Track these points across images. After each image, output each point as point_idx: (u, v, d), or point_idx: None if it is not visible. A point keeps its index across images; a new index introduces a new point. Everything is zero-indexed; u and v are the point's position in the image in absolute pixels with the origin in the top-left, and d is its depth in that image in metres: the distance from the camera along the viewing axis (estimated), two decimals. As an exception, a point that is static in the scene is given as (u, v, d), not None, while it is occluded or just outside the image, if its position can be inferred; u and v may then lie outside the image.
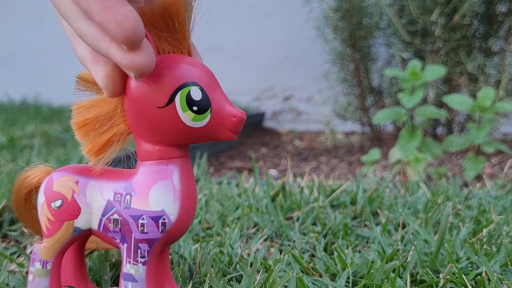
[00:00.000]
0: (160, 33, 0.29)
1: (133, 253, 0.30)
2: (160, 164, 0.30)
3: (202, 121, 0.29)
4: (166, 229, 0.30)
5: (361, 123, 1.41)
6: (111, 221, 0.31)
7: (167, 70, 0.29)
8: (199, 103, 0.29)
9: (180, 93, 0.29)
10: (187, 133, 0.30)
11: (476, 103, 0.90)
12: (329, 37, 1.34)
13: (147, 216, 0.30)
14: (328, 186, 0.71)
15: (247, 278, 0.39)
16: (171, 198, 0.30)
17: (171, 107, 0.29)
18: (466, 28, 1.15)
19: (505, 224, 0.55)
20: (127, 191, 0.31)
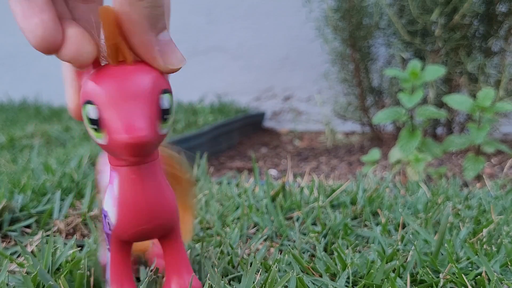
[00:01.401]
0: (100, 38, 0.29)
1: (107, 241, 0.34)
2: (111, 170, 0.32)
3: (102, 139, 0.29)
4: (111, 228, 0.33)
5: (361, 123, 1.41)
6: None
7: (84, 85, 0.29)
8: (96, 122, 0.28)
9: (84, 110, 0.29)
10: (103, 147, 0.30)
11: (476, 103, 0.90)
12: (329, 37, 1.34)
13: (103, 214, 0.33)
14: (328, 186, 0.71)
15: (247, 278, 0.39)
16: (110, 203, 0.32)
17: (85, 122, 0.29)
18: (466, 28, 1.15)
19: (505, 224, 0.55)
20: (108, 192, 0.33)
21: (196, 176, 0.79)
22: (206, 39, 1.79)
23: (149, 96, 0.29)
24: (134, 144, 0.27)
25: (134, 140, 0.27)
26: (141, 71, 0.29)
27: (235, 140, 1.46)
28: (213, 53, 1.79)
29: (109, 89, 0.28)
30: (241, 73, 1.76)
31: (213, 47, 1.79)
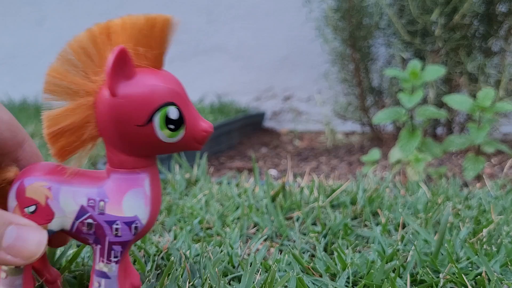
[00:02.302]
0: (140, 49, 0.31)
1: (107, 254, 0.32)
2: (133, 173, 0.32)
3: (176, 137, 0.31)
4: (138, 231, 0.32)
5: (361, 123, 1.41)
6: (85, 225, 0.32)
7: (146, 90, 0.30)
8: (175, 122, 0.31)
9: (160, 114, 0.30)
10: (162, 147, 0.32)
11: (476, 103, 0.90)
12: (329, 37, 1.34)
13: (121, 222, 0.32)
14: (328, 186, 0.71)
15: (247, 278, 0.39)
16: (143, 204, 0.32)
17: (150, 125, 0.30)
18: (466, 28, 1.14)
19: (505, 224, 0.55)
20: (100, 197, 0.32)
21: (196, 176, 0.79)
22: (206, 39, 1.79)
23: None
24: (211, 132, 0.32)
25: (212, 129, 0.32)
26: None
27: (235, 140, 1.46)
28: (213, 53, 1.79)
29: (182, 89, 0.32)
30: (241, 73, 1.76)
31: (213, 47, 1.79)
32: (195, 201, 0.66)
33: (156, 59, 0.32)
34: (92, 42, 0.31)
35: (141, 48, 0.31)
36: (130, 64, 0.30)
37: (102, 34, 0.31)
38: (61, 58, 0.31)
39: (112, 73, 0.29)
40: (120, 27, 0.31)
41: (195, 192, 0.70)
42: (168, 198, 0.68)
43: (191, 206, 0.63)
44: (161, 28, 0.31)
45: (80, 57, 0.31)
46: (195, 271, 0.42)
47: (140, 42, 0.31)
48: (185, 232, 0.52)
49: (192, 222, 0.57)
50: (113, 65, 0.29)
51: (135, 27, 0.31)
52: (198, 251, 0.47)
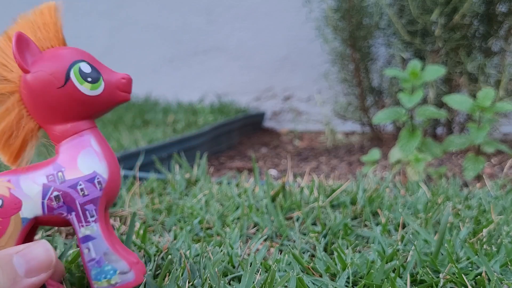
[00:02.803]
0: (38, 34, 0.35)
1: (83, 216, 0.34)
2: (77, 137, 0.35)
3: (99, 89, 0.35)
4: (103, 186, 0.35)
5: (361, 123, 1.41)
6: (53, 200, 0.34)
7: (55, 57, 0.35)
8: (91, 75, 0.34)
9: (73, 70, 0.34)
10: (90, 103, 0.35)
11: (476, 103, 0.90)
12: (329, 37, 1.33)
13: (83, 181, 0.35)
14: (328, 186, 0.71)
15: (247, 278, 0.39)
16: (97, 160, 0.35)
17: (70, 83, 0.34)
18: (466, 28, 1.14)
19: (505, 224, 0.55)
20: (57, 170, 0.35)
21: (196, 176, 0.79)
22: (206, 39, 1.79)
23: None
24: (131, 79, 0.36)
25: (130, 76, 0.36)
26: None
27: (235, 140, 1.46)
28: (213, 53, 1.79)
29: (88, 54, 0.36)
30: (241, 73, 1.76)
31: (213, 47, 1.79)
32: (195, 201, 0.66)
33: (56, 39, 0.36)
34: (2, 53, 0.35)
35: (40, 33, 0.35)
36: (32, 44, 0.34)
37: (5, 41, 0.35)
38: None
39: (18, 54, 0.33)
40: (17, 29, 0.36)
41: (195, 192, 0.70)
42: (168, 198, 0.68)
43: (191, 206, 0.63)
44: (49, 13, 0.36)
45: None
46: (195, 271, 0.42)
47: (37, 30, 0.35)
48: (185, 232, 0.52)
49: (192, 222, 0.57)
50: (16, 46, 0.33)
51: (28, 22, 0.36)
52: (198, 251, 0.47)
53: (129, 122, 1.42)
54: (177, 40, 1.82)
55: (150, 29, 1.84)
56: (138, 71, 1.86)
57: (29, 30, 0.35)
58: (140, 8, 1.85)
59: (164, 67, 1.84)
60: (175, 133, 1.25)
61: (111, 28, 1.91)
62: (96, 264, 0.35)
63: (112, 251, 0.35)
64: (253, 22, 1.72)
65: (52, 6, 0.36)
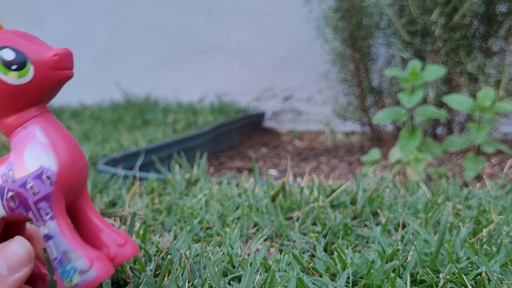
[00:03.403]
0: None
1: (39, 215, 0.32)
2: (22, 130, 0.33)
3: (27, 75, 0.31)
4: (53, 179, 0.32)
5: (361, 123, 1.41)
6: (9, 200, 0.32)
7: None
8: (16, 61, 0.31)
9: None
10: (25, 92, 0.32)
11: (476, 103, 0.90)
12: (329, 37, 1.33)
13: (31, 178, 0.32)
14: (328, 186, 0.71)
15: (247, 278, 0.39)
16: (43, 153, 0.32)
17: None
18: (466, 28, 1.14)
19: (505, 224, 0.55)
20: (9, 168, 0.32)
21: (196, 176, 0.79)
22: (206, 39, 1.79)
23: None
24: (66, 54, 0.32)
25: (65, 50, 0.32)
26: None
27: (235, 140, 1.46)
28: (213, 53, 1.79)
29: (19, 33, 0.33)
30: (241, 73, 1.76)
31: (213, 47, 1.79)
32: (195, 201, 0.66)
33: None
34: None
35: None
36: None
37: None
38: None
39: None
40: None
41: (195, 192, 0.70)
42: (168, 198, 0.68)
43: (191, 206, 0.63)
44: None
45: None
46: (195, 271, 0.42)
47: None
48: (185, 232, 0.52)
49: (192, 222, 0.57)
50: None
51: None
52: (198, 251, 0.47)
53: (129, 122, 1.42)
54: (177, 40, 1.82)
55: (150, 29, 1.84)
56: (138, 71, 1.86)
57: None
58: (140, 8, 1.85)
59: (164, 67, 1.84)
60: (175, 133, 1.25)
61: (111, 28, 1.91)
62: (59, 263, 0.32)
63: (72, 248, 0.32)
64: (253, 22, 1.72)
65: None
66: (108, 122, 1.42)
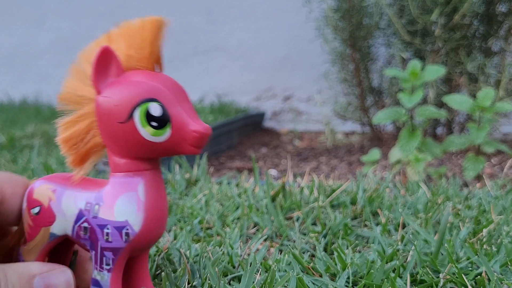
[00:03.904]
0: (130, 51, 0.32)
1: (99, 260, 0.32)
2: (126, 176, 0.32)
3: (162, 136, 0.30)
4: (130, 238, 0.32)
5: (361, 123, 1.41)
6: (81, 229, 0.32)
7: (127, 87, 0.31)
8: (158, 119, 0.30)
9: (140, 109, 0.30)
10: (149, 147, 0.31)
11: (476, 103, 0.90)
12: (329, 37, 1.33)
13: (111, 226, 0.32)
14: (328, 186, 0.71)
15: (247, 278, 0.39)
16: (134, 209, 0.32)
17: (131, 122, 0.30)
18: (466, 28, 1.14)
19: (505, 224, 0.55)
20: (96, 201, 0.32)
21: (196, 176, 0.79)
22: (206, 39, 1.79)
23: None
24: (205, 134, 0.31)
25: (206, 131, 0.31)
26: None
27: (235, 140, 1.45)
28: (213, 53, 1.79)
29: (173, 88, 0.31)
30: (241, 73, 1.76)
31: (213, 47, 1.79)
32: (195, 201, 0.66)
33: (148, 60, 0.32)
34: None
35: (133, 50, 0.31)
36: (115, 63, 0.31)
37: (104, 42, 0.32)
38: (72, 68, 0.33)
39: (95, 71, 0.30)
40: (117, 34, 0.32)
41: (195, 192, 0.70)
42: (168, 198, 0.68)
43: (191, 206, 0.63)
44: (150, 29, 0.32)
45: (87, 66, 0.32)
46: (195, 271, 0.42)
47: (133, 45, 0.32)
48: (185, 232, 0.52)
49: (192, 222, 0.57)
50: (96, 63, 0.30)
51: (128, 31, 0.32)
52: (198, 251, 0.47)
53: (129, 122, 1.42)
54: (177, 40, 1.82)
55: (150, 29, 1.84)
56: (138, 71, 1.85)
57: (124, 42, 0.32)
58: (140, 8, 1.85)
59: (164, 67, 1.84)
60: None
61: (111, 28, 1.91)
62: None
63: None
64: (253, 22, 1.72)
65: (156, 22, 0.32)
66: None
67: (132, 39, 0.32)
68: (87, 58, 0.32)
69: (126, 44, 0.32)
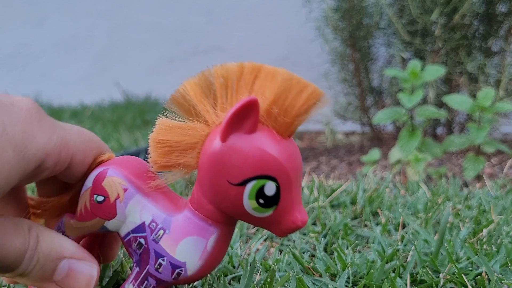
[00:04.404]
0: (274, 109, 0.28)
1: (140, 281, 0.31)
2: (205, 220, 0.30)
3: (262, 214, 0.29)
4: (179, 279, 0.31)
5: (361, 123, 1.41)
6: (136, 242, 0.31)
7: (255, 153, 0.28)
8: (268, 199, 0.28)
9: (254, 184, 0.28)
10: (242, 214, 0.29)
11: (476, 103, 0.90)
12: (329, 37, 1.33)
13: (167, 260, 0.30)
14: (328, 186, 0.71)
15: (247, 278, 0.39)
16: (197, 256, 0.30)
17: (240, 189, 0.28)
18: (466, 28, 1.14)
19: (505, 224, 0.55)
20: (163, 226, 0.30)
21: (196, 176, 0.78)
22: (206, 39, 1.79)
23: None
24: (300, 227, 0.29)
25: (303, 224, 0.29)
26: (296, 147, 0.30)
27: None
28: (213, 53, 1.79)
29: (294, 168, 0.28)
30: (241, 73, 1.76)
31: (213, 47, 1.79)
32: (195, 201, 0.65)
33: (286, 126, 0.28)
34: (237, 78, 0.30)
35: (277, 108, 0.28)
36: (254, 119, 0.27)
37: (249, 74, 0.30)
38: (202, 77, 0.30)
39: (230, 119, 0.27)
40: (270, 76, 0.29)
41: (195, 192, 0.70)
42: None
43: (191, 206, 0.63)
44: (307, 98, 0.28)
45: (219, 85, 0.29)
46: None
47: (280, 101, 0.28)
48: (185, 232, 0.52)
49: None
50: (235, 112, 0.27)
51: (283, 84, 0.28)
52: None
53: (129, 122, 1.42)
54: (177, 40, 1.82)
55: (150, 29, 1.84)
56: (138, 71, 1.86)
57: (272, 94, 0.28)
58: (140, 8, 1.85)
59: (164, 67, 1.84)
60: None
61: (111, 28, 1.91)
62: None
63: None
64: (253, 22, 1.72)
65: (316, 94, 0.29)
66: (108, 122, 1.42)
67: (282, 96, 0.28)
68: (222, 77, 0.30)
69: (274, 98, 0.28)
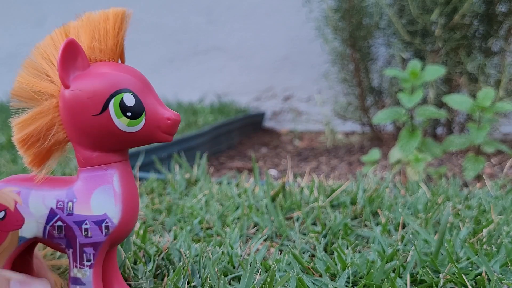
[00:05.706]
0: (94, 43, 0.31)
1: (79, 258, 0.32)
2: (100, 169, 0.32)
3: (137, 126, 0.31)
4: (110, 231, 0.31)
5: (361, 123, 1.41)
6: (55, 228, 0.32)
7: (99, 78, 0.30)
8: (133, 109, 0.30)
9: (114, 100, 0.30)
10: (124, 138, 0.31)
11: (476, 103, 0.90)
12: (329, 37, 1.34)
13: (90, 221, 0.31)
14: (328, 186, 0.71)
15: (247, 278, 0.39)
16: (112, 202, 0.32)
17: (106, 114, 0.30)
18: (466, 28, 1.14)
19: (505, 224, 0.55)
20: (69, 198, 0.32)
21: (196, 176, 0.79)
22: (206, 39, 1.79)
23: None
24: (177, 121, 0.31)
25: (178, 117, 0.31)
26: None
27: (235, 140, 1.45)
28: (213, 53, 1.79)
29: (141, 79, 0.32)
30: (241, 73, 1.76)
31: (213, 47, 1.79)
32: (195, 201, 0.66)
33: (112, 52, 0.32)
34: (53, 46, 0.32)
35: (96, 42, 0.31)
36: (81, 56, 0.30)
37: (60, 36, 0.32)
38: (26, 65, 0.32)
39: (61, 65, 0.30)
40: (77, 27, 0.32)
41: (195, 192, 0.70)
42: (168, 198, 0.68)
43: (191, 206, 0.63)
44: (113, 21, 0.32)
45: (43, 62, 0.32)
46: (195, 271, 0.42)
47: (95, 37, 0.31)
48: (185, 232, 0.52)
49: (192, 222, 0.57)
50: (61, 57, 0.29)
51: (90, 23, 0.32)
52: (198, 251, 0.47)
53: (129, 122, 1.42)
54: (177, 40, 1.82)
55: (150, 29, 1.84)
56: (138, 71, 1.86)
57: (87, 34, 0.32)
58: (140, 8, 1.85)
59: (164, 67, 1.84)
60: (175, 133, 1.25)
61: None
62: None
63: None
64: (253, 22, 1.72)
65: (119, 14, 0.33)
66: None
67: (95, 31, 0.31)
68: (42, 53, 0.32)
69: (89, 36, 0.31)
